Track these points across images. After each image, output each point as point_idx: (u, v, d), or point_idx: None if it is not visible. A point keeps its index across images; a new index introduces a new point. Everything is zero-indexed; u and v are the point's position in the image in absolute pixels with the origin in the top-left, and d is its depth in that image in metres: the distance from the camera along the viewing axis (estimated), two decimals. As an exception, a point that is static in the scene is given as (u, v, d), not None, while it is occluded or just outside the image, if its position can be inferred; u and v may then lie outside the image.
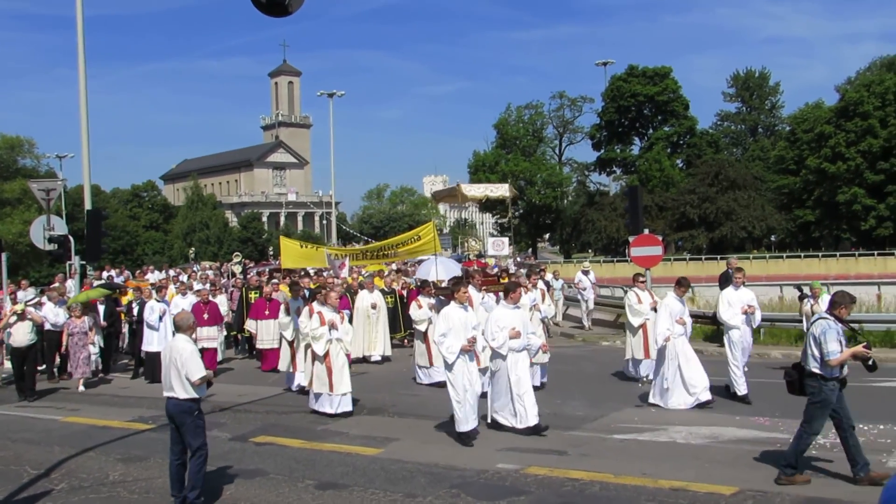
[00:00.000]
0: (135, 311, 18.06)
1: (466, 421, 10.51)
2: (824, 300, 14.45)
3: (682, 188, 71.72)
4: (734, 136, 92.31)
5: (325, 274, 22.05)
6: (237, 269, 24.80)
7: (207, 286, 19.23)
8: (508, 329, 10.97)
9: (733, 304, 13.12)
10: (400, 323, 20.41)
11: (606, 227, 69.55)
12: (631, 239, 22.51)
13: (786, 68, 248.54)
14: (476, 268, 16.66)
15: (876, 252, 61.36)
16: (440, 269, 19.11)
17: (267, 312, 17.88)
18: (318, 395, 12.55)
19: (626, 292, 20.69)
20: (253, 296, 19.25)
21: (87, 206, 20.04)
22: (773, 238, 74.30)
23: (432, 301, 15.54)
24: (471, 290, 15.46)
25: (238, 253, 25.94)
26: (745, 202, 69.32)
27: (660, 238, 23.13)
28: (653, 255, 21.88)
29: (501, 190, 15.24)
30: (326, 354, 12.36)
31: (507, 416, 11.09)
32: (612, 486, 8.52)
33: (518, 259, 43.05)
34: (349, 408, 12.49)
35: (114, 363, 18.86)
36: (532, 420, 10.83)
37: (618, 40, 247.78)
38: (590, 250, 75.42)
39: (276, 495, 8.58)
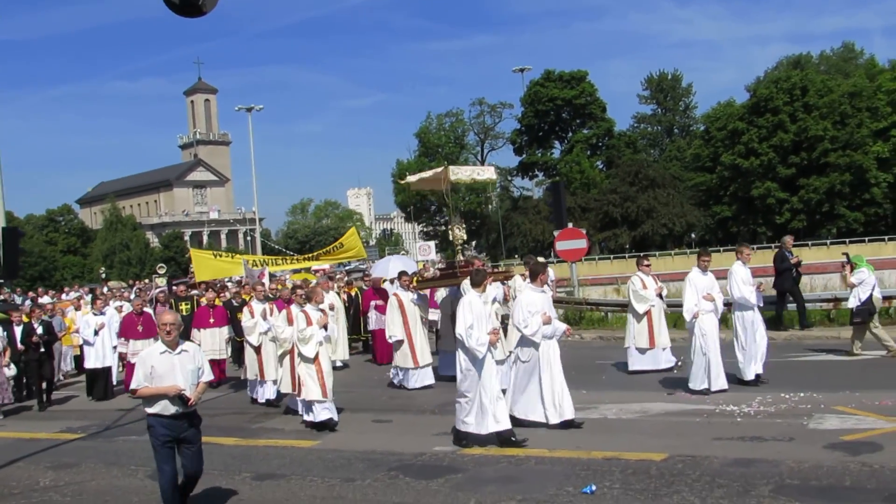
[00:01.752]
0: (39, 331, 15.43)
1: (483, 422, 9.38)
2: (856, 274, 13.63)
3: (603, 188, 73.06)
4: (651, 138, 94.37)
5: (246, 285, 21.25)
6: (162, 281, 24.20)
7: (127, 298, 18.55)
8: (540, 314, 10.03)
9: (746, 283, 12.19)
10: (347, 328, 18.81)
11: (531, 231, 70.30)
12: (556, 233, 22.99)
13: (697, 71, 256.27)
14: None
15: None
16: (398, 265, 18.27)
17: (212, 321, 16.35)
18: (310, 405, 11.18)
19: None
20: (183, 307, 17.84)
21: (1, 223, 19.47)
22: (692, 235, 76.20)
23: (413, 296, 14.36)
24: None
25: (163, 265, 24.92)
26: (664, 200, 70.94)
27: (583, 231, 23.66)
28: (577, 248, 22.37)
29: (488, 173, 14.63)
30: (317, 357, 11.12)
31: (536, 410, 10.17)
32: (547, 459, 8.74)
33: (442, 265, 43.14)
34: (335, 415, 11.27)
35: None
36: (569, 413, 10.12)
37: (533, 48, 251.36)
38: (516, 255, 76.11)
39: (213, 487, 8.54)
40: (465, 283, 11.58)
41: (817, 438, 8.75)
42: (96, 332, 15.87)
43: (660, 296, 14.14)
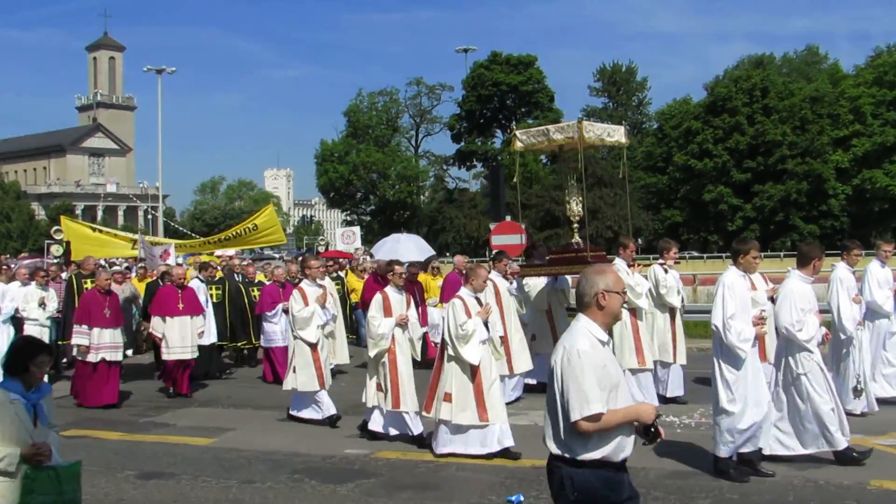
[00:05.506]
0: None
1: (755, 440, 8.07)
2: None
3: (546, 185, 73.64)
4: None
5: (140, 265, 19.92)
6: (57, 249, 22.40)
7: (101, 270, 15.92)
8: (814, 312, 8.47)
9: (882, 285, 11.14)
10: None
11: (466, 226, 70.45)
12: (492, 226, 23.02)
13: (653, 65, 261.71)
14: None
15: (742, 254, 64.71)
16: (410, 247, 16.54)
17: (181, 306, 13.39)
18: (456, 430, 9.07)
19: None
20: (88, 284, 14.56)
21: None
22: (639, 240, 77.33)
23: (513, 285, 12.69)
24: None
25: (60, 229, 21.74)
26: (611, 200, 71.79)
27: (522, 226, 23.70)
28: (514, 245, 22.39)
29: (618, 134, 13.11)
30: (478, 367, 9.05)
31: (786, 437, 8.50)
32: (469, 466, 8.72)
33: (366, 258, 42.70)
34: (510, 441, 9.09)
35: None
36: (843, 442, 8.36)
37: (480, 28, 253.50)
38: (447, 253, 76.33)
39: (91, 486, 8.22)
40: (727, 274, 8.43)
41: (761, 453, 8.89)
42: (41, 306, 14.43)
43: (772, 300, 11.03)
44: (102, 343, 12.61)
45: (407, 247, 15.83)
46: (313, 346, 10.90)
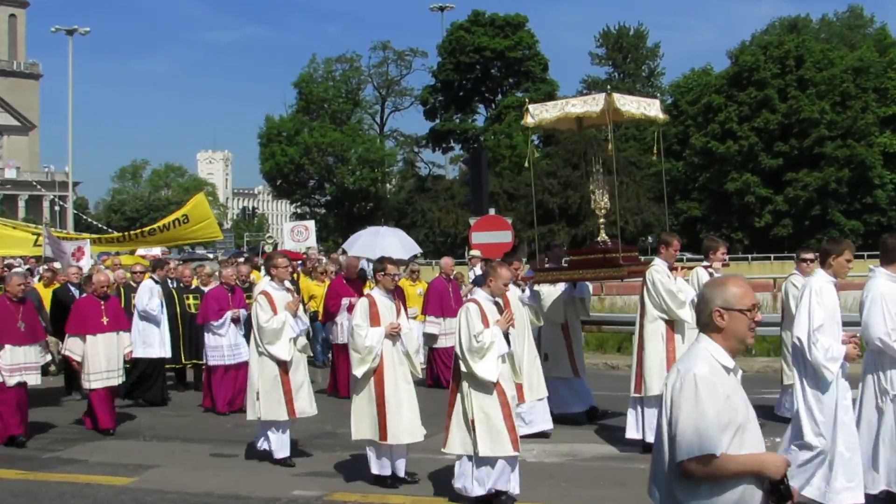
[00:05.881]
0: None
1: (833, 484, 7.79)
2: None
3: (539, 171, 73.58)
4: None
5: (44, 266, 19.64)
6: None
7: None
8: None
9: None
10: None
11: (441, 220, 70.25)
12: (472, 221, 22.96)
13: (667, 29, 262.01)
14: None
15: (773, 256, 64.11)
16: (392, 242, 16.02)
17: (105, 321, 12.84)
18: (481, 464, 8.68)
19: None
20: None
21: None
22: (649, 238, 77.42)
23: (525, 294, 12.39)
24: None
25: None
26: (615, 191, 71.79)
27: (508, 221, 23.68)
28: (500, 244, 22.33)
29: (654, 108, 12.62)
30: (498, 384, 8.76)
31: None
32: (443, 510, 8.72)
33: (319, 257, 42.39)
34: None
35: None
36: None
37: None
38: (418, 254, 76.33)
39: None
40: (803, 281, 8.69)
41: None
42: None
43: None
44: (16, 363, 11.99)
45: (388, 242, 15.44)
46: (283, 366, 10.63)
